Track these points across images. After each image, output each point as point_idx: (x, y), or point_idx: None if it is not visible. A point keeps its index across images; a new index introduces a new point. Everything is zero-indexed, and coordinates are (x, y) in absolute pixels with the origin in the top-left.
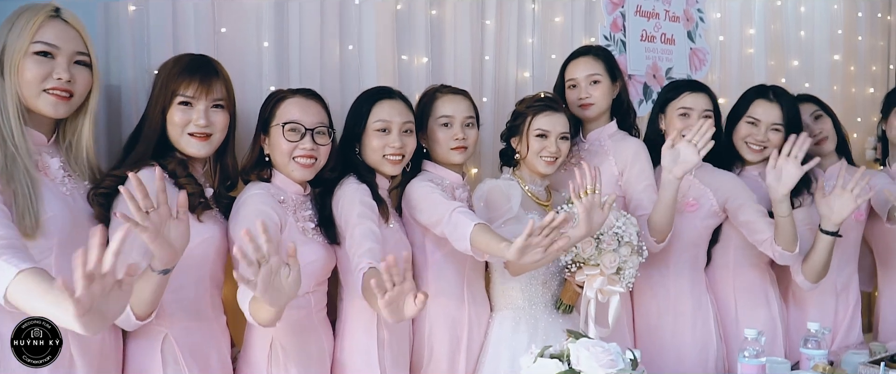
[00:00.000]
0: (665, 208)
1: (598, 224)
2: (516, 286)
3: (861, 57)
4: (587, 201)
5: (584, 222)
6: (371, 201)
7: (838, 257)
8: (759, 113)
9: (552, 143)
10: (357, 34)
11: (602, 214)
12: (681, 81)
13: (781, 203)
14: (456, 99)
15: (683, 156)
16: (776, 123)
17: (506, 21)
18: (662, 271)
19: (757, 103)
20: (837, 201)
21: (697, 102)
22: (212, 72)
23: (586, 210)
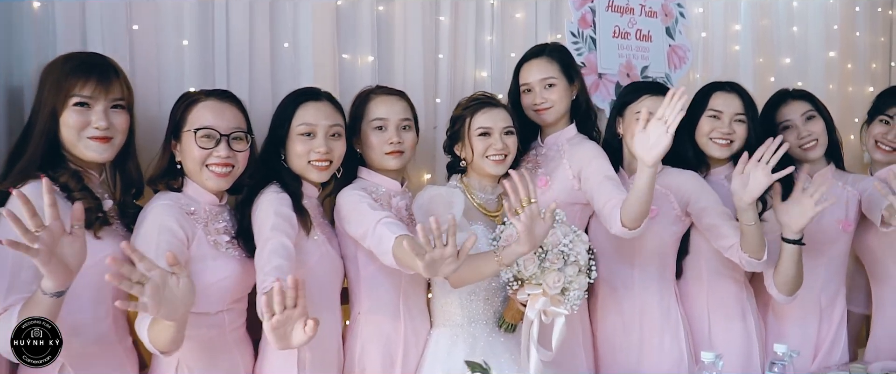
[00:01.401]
0: (639, 194)
1: (542, 235)
2: (455, 302)
3: (859, 54)
4: (526, 215)
5: (525, 237)
6: (288, 211)
7: (824, 271)
8: (720, 104)
9: (497, 139)
10: (292, 31)
11: (544, 223)
12: (641, 83)
13: (746, 212)
14: (390, 100)
15: (653, 139)
16: (739, 113)
17: (462, 17)
18: (627, 284)
19: (716, 96)
20: (795, 208)
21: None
22: (109, 70)
23: (526, 225)
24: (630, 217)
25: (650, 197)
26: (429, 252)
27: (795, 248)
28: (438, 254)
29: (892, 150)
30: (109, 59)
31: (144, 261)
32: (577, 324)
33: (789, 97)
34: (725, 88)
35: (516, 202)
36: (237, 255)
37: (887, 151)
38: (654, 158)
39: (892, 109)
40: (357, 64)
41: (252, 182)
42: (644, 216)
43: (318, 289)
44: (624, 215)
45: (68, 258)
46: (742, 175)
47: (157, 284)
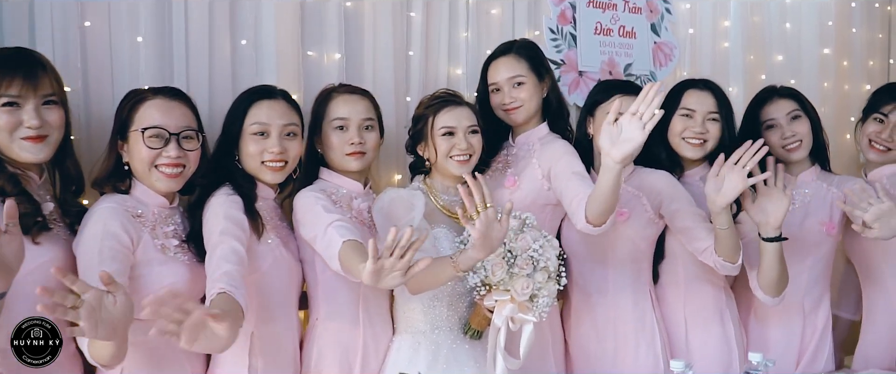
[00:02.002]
0: (604, 193)
1: (498, 240)
2: (418, 308)
3: (856, 51)
4: (481, 220)
5: (480, 243)
6: (239, 214)
7: (808, 275)
8: (693, 103)
9: (461, 139)
10: (253, 28)
11: (500, 227)
12: (612, 82)
13: (720, 216)
14: (352, 99)
15: (626, 133)
16: (712, 111)
17: (435, 13)
18: (601, 289)
19: (689, 93)
20: (770, 203)
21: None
22: (36, 65)
23: (481, 232)
24: (594, 213)
25: (615, 195)
26: (378, 259)
27: (777, 246)
28: (389, 263)
29: (886, 149)
30: (35, 52)
31: (77, 283)
32: (548, 331)
33: (775, 95)
34: (698, 86)
35: (471, 208)
36: (186, 260)
37: (881, 151)
38: (622, 154)
39: (887, 107)
40: (323, 62)
41: (204, 183)
42: (609, 213)
43: (273, 294)
44: (588, 210)
45: (6, 258)
46: (716, 178)
47: (92, 306)
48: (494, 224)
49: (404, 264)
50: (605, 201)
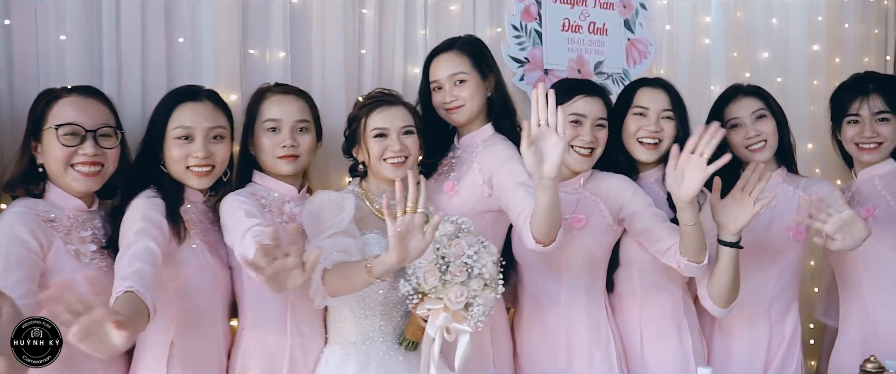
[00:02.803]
0: (544, 212)
1: (417, 251)
2: (349, 317)
3: (849, 47)
4: (401, 222)
5: (395, 246)
6: (158, 217)
7: (775, 283)
8: (646, 100)
9: (394, 140)
10: (189, 25)
11: (422, 239)
12: (574, 82)
13: (685, 210)
14: (286, 100)
15: (546, 149)
16: (666, 109)
17: (389, 10)
18: (553, 299)
19: (641, 92)
20: (735, 207)
21: (592, 108)
22: None
23: (399, 234)
24: (540, 232)
25: (556, 211)
26: (270, 264)
27: (733, 252)
28: (279, 265)
29: (876, 145)
30: None
31: None
32: (488, 342)
33: (740, 93)
34: (651, 84)
35: (400, 206)
36: (104, 266)
37: (872, 149)
38: (552, 170)
39: (854, 106)
40: (266, 60)
41: (127, 185)
42: (555, 229)
43: (196, 301)
44: (533, 229)
45: None
46: (676, 171)
47: None
48: (416, 232)
49: (295, 262)
50: (546, 219)
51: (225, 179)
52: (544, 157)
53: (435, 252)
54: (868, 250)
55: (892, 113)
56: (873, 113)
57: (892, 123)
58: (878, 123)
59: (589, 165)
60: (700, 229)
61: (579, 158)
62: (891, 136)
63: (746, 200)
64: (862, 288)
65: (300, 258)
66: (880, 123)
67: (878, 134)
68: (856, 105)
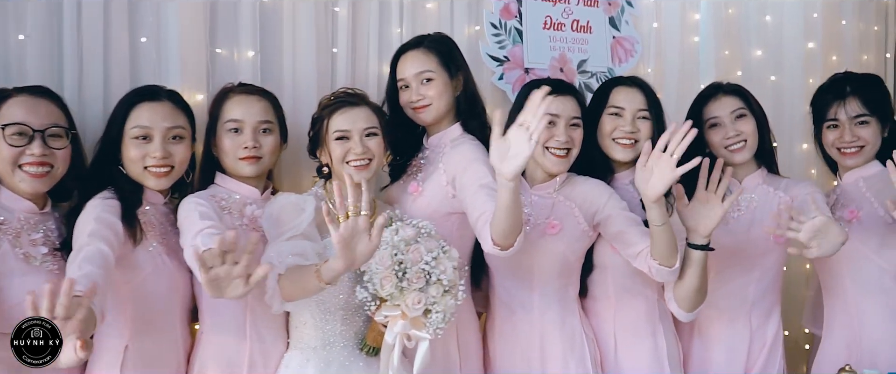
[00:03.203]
0: (502, 213)
1: (364, 255)
2: (309, 322)
3: (847, 45)
4: (345, 227)
5: (341, 252)
6: (113, 218)
7: (755, 288)
8: (622, 100)
9: (356, 143)
10: (154, 24)
11: (369, 242)
12: (546, 82)
13: (653, 210)
14: (248, 100)
15: (514, 149)
16: (642, 108)
17: (363, 8)
18: (526, 306)
19: (617, 91)
20: (702, 208)
21: (565, 107)
22: None
23: (344, 238)
24: (499, 234)
25: (515, 213)
26: (214, 268)
27: (703, 255)
28: (223, 272)
29: (857, 149)
30: None
31: None
32: (454, 346)
33: (720, 92)
34: (626, 83)
35: (341, 210)
36: (55, 269)
37: (853, 154)
38: (512, 170)
39: (832, 110)
40: (234, 59)
41: (84, 187)
42: (515, 233)
43: (153, 304)
44: (493, 231)
45: None
46: (645, 169)
47: None
48: (362, 236)
49: (241, 272)
50: (506, 221)
51: (188, 180)
52: (509, 156)
53: (392, 258)
54: (852, 254)
55: (871, 115)
56: (851, 117)
57: (871, 126)
58: (857, 126)
59: (565, 167)
60: (670, 229)
61: (555, 159)
62: (871, 138)
63: (713, 200)
64: (846, 293)
65: (247, 269)
66: (859, 126)
67: (859, 138)
68: (834, 109)
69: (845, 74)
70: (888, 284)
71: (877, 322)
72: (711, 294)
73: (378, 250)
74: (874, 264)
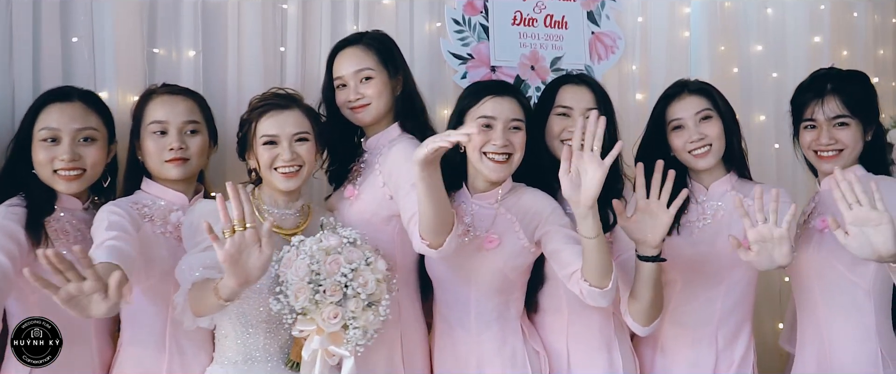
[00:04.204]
0: (421, 207)
1: (257, 268)
2: (231, 335)
3: (859, 39)
4: (231, 242)
5: (229, 269)
6: (14, 226)
7: (723, 303)
8: (569, 99)
9: (285, 149)
10: (87, 23)
11: (260, 255)
12: (484, 83)
13: (585, 219)
14: (172, 101)
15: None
16: (591, 107)
17: (314, 4)
18: (463, 322)
19: (564, 89)
20: (648, 218)
21: (502, 109)
22: None
23: (230, 254)
24: (424, 230)
25: (436, 207)
26: (63, 288)
27: (654, 267)
28: (74, 289)
29: (835, 153)
30: None
31: None
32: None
33: (685, 91)
34: (574, 81)
35: (226, 224)
36: None
37: (831, 157)
38: (417, 158)
39: (809, 109)
40: (172, 59)
41: None
42: (443, 231)
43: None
44: (420, 227)
45: None
46: (570, 174)
47: None
48: (252, 249)
49: (92, 288)
50: (425, 214)
51: (105, 183)
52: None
53: (308, 268)
54: (823, 268)
55: (852, 116)
56: (829, 118)
57: (851, 128)
58: (835, 128)
59: (505, 173)
60: (603, 243)
61: (493, 165)
62: (851, 141)
63: (656, 206)
64: (817, 310)
65: (98, 283)
66: (838, 128)
67: (837, 140)
68: (811, 109)
69: (828, 69)
70: (861, 301)
71: (847, 342)
72: (675, 310)
73: (296, 260)
74: (847, 280)
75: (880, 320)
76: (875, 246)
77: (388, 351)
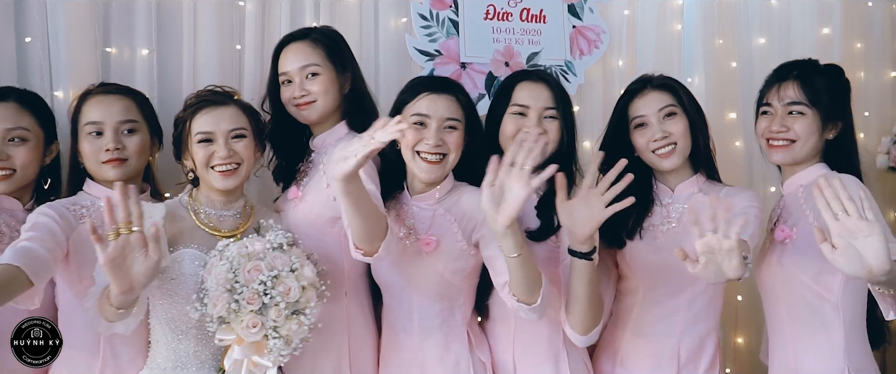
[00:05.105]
0: (346, 216)
1: (143, 274)
2: (162, 341)
3: (875, 30)
4: (114, 246)
5: (111, 276)
6: None
7: (685, 314)
8: (525, 97)
9: (221, 146)
10: (41, 23)
11: (146, 260)
12: (422, 79)
13: (506, 238)
14: (108, 100)
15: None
16: (549, 107)
17: (272, 2)
18: (406, 329)
19: (520, 87)
20: (584, 207)
21: (438, 107)
22: None
23: (111, 258)
24: (356, 237)
25: (365, 218)
26: None
27: (585, 264)
28: None
29: (786, 143)
30: None
31: None
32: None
33: (648, 86)
34: (532, 78)
35: (110, 226)
36: None
37: (782, 147)
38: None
39: (768, 94)
40: (125, 58)
41: None
42: (375, 238)
43: None
44: (353, 238)
45: None
46: (493, 188)
47: None
48: (136, 255)
49: None
50: (352, 223)
51: (46, 185)
52: (339, 158)
53: (227, 275)
54: (788, 279)
55: (810, 105)
56: (785, 103)
57: (807, 118)
58: (790, 116)
59: (438, 174)
60: (528, 260)
61: (426, 165)
62: (803, 133)
63: (594, 198)
64: (783, 326)
65: None
66: (793, 116)
67: (788, 129)
68: (770, 94)
69: (802, 59)
70: (829, 317)
71: (814, 362)
72: (637, 319)
73: (216, 266)
74: (813, 294)
75: (851, 336)
76: (866, 261)
77: (336, 357)
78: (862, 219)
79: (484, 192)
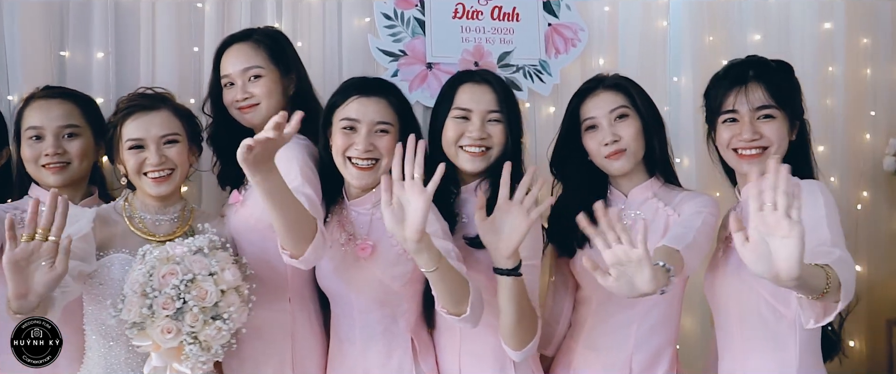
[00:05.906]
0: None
1: (43, 285)
2: (93, 346)
3: (883, 26)
4: (20, 250)
5: (9, 278)
6: None
7: (638, 327)
8: (467, 100)
9: (152, 152)
10: None
11: (50, 271)
12: (357, 81)
13: (420, 254)
14: (48, 105)
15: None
16: (492, 110)
17: (232, 3)
18: (350, 337)
19: (462, 89)
20: (506, 221)
21: (367, 111)
22: None
23: (13, 261)
24: (284, 241)
25: (283, 214)
26: None
27: (511, 281)
28: None
29: (759, 151)
30: None
31: None
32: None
33: (600, 86)
34: (475, 79)
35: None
36: None
37: (753, 156)
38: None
39: (730, 100)
40: (79, 61)
41: None
42: (303, 239)
43: None
44: (279, 239)
45: None
46: (393, 206)
47: None
48: (40, 263)
49: None
50: (277, 225)
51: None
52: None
53: (141, 278)
54: (743, 293)
55: (779, 108)
56: (754, 108)
57: (777, 122)
58: (760, 121)
59: (370, 180)
60: (448, 271)
61: (357, 171)
62: (776, 138)
63: (516, 210)
64: (733, 344)
65: None
66: (763, 121)
67: (761, 136)
68: (732, 99)
69: (751, 57)
70: (784, 335)
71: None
72: (590, 331)
73: (134, 270)
74: (768, 308)
75: (805, 356)
76: (774, 262)
77: (278, 364)
78: (785, 217)
79: (384, 213)
